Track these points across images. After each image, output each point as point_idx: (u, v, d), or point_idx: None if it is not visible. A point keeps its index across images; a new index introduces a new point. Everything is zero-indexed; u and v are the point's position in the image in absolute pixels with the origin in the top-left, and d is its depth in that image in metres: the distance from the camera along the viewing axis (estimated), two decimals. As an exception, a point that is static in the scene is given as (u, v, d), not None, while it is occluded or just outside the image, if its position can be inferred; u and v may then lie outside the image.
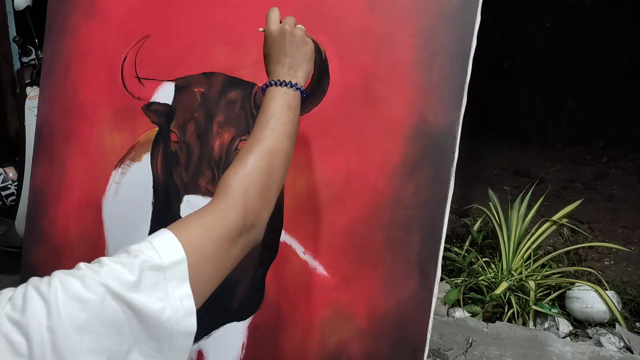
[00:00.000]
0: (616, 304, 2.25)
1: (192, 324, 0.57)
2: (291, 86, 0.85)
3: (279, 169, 0.78)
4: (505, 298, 2.28)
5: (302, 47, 0.89)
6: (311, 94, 1.10)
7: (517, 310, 2.24)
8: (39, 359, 0.48)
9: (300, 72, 0.88)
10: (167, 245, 0.59)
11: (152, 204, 1.27)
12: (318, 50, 1.11)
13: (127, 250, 0.58)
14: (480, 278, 2.41)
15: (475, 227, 2.81)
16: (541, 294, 2.38)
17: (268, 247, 1.16)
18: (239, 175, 0.72)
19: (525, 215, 2.64)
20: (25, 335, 0.48)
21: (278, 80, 0.85)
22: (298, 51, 0.88)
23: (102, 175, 1.32)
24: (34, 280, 0.54)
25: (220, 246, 0.64)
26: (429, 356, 1.18)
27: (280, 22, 0.90)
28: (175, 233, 0.60)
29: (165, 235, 0.60)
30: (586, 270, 2.59)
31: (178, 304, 0.56)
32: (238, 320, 1.19)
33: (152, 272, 0.56)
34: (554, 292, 2.39)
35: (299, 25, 0.91)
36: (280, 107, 0.82)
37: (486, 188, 3.14)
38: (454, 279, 2.48)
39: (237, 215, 0.68)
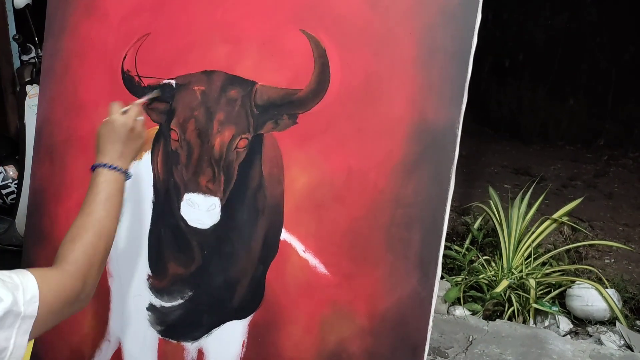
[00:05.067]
0: (616, 302, 2.25)
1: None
2: (123, 172, 0.97)
3: (110, 247, 0.91)
4: (505, 296, 2.28)
5: (137, 141, 1.03)
6: (312, 92, 1.10)
7: (518, 309, 2.24)
8: None
9: (129, 159, 1.01)
10: (30, 297, 0.72)
11: (153, 202, 1.27)
12: (319, 48, 1.11)
13: (5, 282, 0.70)
14: (480, 276, 2.41)
15: (476, 225, 2.81)
16: (541, 292, 2.38)
17: (268, 245, 1.16)
18: (86, 254, 0.85)
19: (526, 213, 2.63)
20: None
21: (112, 165, 0.96)
22: (132, 144, 1.02)
23: (103, 173, 1.32)
24: None
25: (63, 307, 0.78)
26: (429, 354, 1.18)
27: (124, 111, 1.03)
28: (40, 286, 0.73)
29: (32, 288, 0.73)
30: (586, 269, 2.58)
31: (15, 351, 0.70)
32: (238, 319, 1.19)
33: (13, 318, 0.69)
34: (554, 290, 2.39)
35: (140, 118, 1.04)
36: (114, 190, 0.94)
37: (487, 186, 3.14)
38: (454, 277, 2.48)
39: (80, 286, 0.82)
